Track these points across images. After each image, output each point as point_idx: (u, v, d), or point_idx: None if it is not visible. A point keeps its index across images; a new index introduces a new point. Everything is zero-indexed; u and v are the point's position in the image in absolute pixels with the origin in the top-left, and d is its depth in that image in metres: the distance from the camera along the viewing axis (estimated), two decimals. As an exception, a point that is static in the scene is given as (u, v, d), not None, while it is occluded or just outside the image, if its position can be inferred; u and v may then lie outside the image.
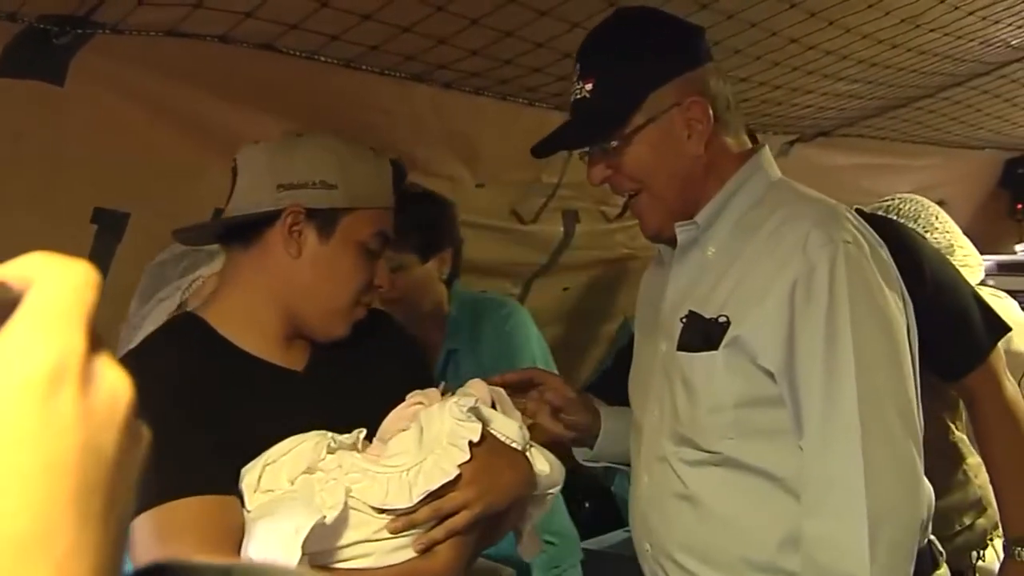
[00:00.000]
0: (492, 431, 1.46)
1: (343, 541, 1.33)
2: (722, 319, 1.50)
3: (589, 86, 1.56)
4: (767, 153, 1.63)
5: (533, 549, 1.60)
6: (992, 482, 2.13)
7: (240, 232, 1.49)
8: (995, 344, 2.11)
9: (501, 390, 1.57)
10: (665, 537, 1.59)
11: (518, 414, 1.56)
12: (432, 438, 1.39)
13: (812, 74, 2.90)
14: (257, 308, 1.48)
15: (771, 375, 1.47)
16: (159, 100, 2.17)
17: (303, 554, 1.26)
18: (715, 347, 1.50)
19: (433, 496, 1.35)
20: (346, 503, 1.31)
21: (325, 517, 1.27)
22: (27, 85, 1.95)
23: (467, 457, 1.37)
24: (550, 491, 1.54)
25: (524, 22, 2.22)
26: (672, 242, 1.65)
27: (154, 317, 1.94)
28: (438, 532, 1.37)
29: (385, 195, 1.53)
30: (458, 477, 1.36)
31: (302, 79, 2.29)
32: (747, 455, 1.50)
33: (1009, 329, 2.16)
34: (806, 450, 1.45)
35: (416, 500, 1.34)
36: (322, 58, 2.27)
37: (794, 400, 1.46)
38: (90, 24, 1.89)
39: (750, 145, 1.65)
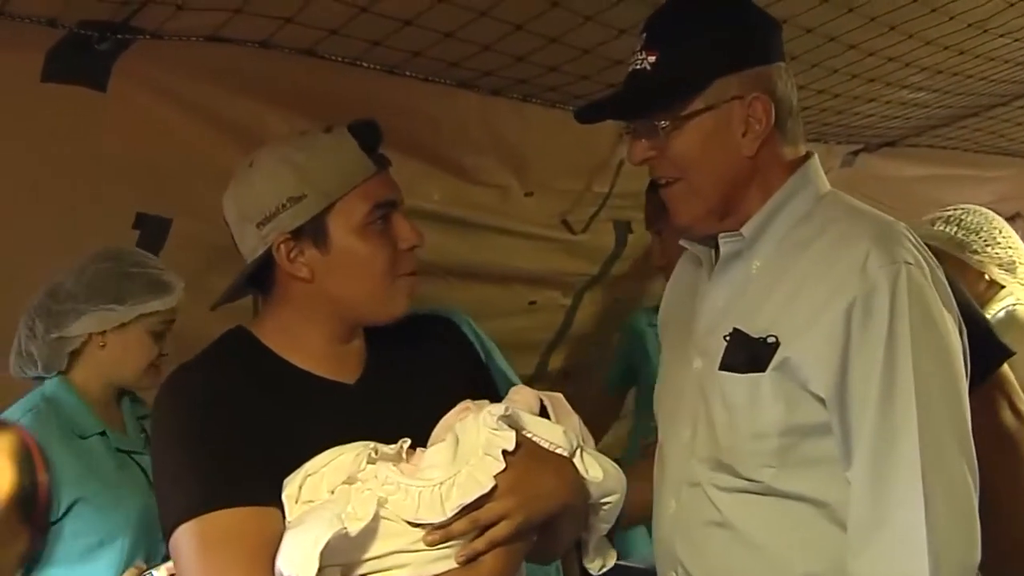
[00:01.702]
0: (533, 437, 1.40)
1: (377, 552, 1.30)
2: (771, 339, 1.40)
3: (652, 58, 1.44)
4: (816, 164, 1.53)
5: (601, 562, 1.52)
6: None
7: (257, 281, 1.49)
8: (994, 371, 1.96)
9: (558, 395, 1.50)
10: (695, 565, 1.50)
11: (575, 418, 1.48)
12: (468, 449, 1.35)
13: (873, 82, 2.80)
14: (298, 328, 1.48)
15: (822, 401, 1.37)
16: (201, 105, 2.18)
17: (324, 565, 1.24)
18: (762, 369, 1.40)
19: (470, 508, 1.30)
20: (377, 514, 1.28)
21: (346, 529, 1.24)
22: (70, 90, 1.97)
23: (502, 467, 1.32)
24: (607, 499, 1.45)
25: (569, 27, 2.18)
26: (702, 241, 1.56)
27: (90, 318, 2.00)
28: (479, 544, 1.31)
29: (358, 171, 1.44)
30: (495, 487, 1.31)
31: (344, 85, 2.27)
32: (789, 484, 1.40)
33: (1011, 353, 2.00)
34: (855, 483, 1.35)
35: (451, 514, 1.30)
36: (364, 64, 2.26)
37: (844, 429, 1.36)
38: (130, 29, 1.90)
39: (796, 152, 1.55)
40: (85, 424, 2.01)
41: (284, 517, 1.34)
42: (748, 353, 1.43)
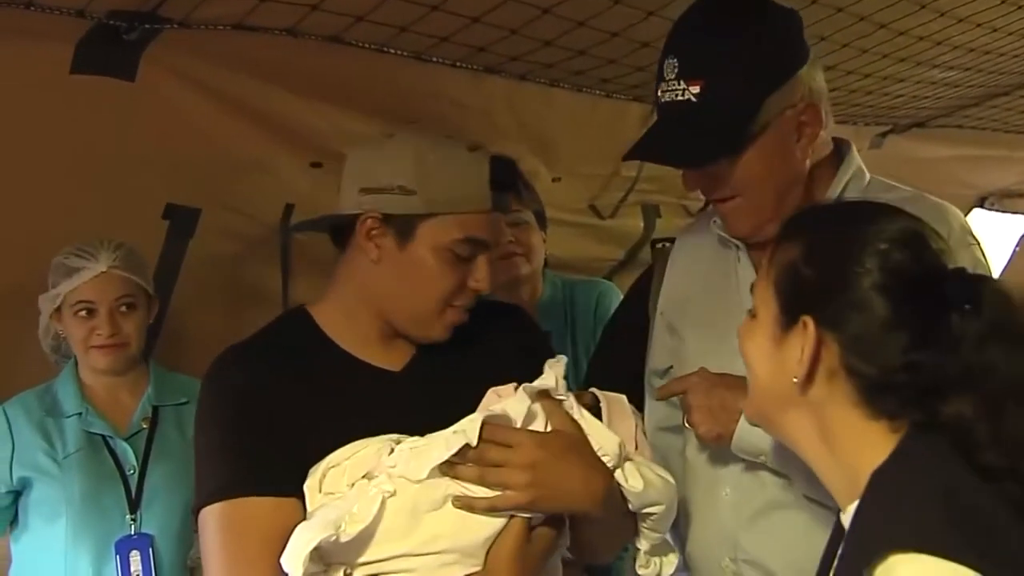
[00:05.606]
0: (588, 434, 1.39)
1: (382, 554, 1.29)
2: None
3: (696, 89, 1.40)
4: (855, 151, 1.55)
5: (656, 568, 1.48)
6: None
7: (336, 233, 1.51)
8: None
9: (619, 396, 1.49)
10: (761, 548, 1.51)
11: (631, 421, 1.46)
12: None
13: (904, 61, 2.76)
14: (353, 308, 1.48)
15: None
16: (229, 94, 2.18)
17: (331, 562, 1.28)
18: None
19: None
20: (380, 515, 1.28)
21: (336, 536, 1.25)
22: (99, 81, 1.97)
23: (528, 403, 1.35)
24: (651, 509, 1.43)
25: (597, 10, 2.15)
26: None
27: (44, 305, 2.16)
28: (479, 502, 1.30)
29: (475, 199, 1.44)
30: (520, 446, 1.32)
31: (372, 72, 2.26)
32: None
33: None
34: None
35: (476, 428, 1.30)
36: (392, 50, 2.24)
37: None
38: (158, 19, 1.90)
39: (831, 142, 1.55)
40: (67, 404, 2.16)
41: (306, 507, 1.35)
42: None
